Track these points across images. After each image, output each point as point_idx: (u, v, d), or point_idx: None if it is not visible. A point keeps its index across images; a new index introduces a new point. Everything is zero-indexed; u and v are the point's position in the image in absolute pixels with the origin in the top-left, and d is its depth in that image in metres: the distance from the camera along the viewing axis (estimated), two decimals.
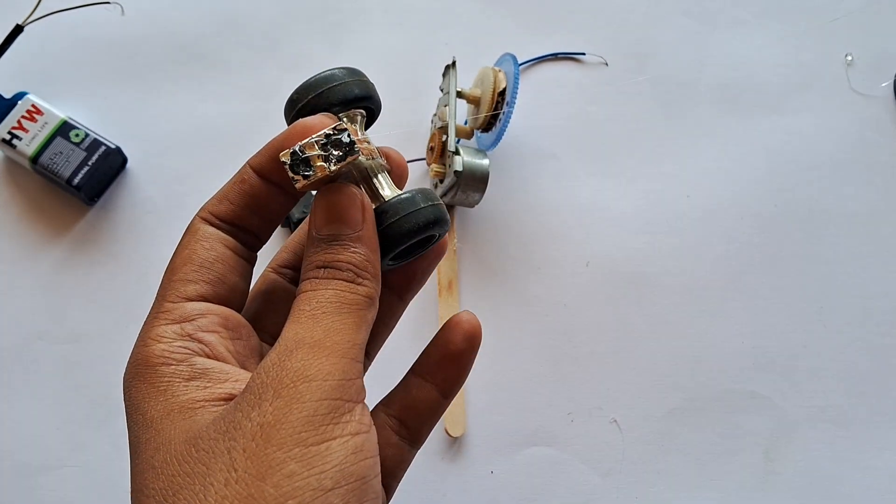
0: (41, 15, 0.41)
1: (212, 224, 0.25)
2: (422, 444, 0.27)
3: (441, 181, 0.41)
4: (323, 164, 0.23)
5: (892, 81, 0.46)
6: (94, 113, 0.44)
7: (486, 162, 0.40)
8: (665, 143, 0.45)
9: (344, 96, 0.24)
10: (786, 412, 0.41)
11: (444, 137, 0.40)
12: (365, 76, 0.26)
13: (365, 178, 0.25)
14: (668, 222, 0.44)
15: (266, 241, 0.26)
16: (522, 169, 0.45)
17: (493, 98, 0.40)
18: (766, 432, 0.40)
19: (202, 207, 0.25)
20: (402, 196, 0.24)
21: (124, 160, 0.43)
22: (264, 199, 0.25)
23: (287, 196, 0.25)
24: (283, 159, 0.23)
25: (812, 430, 0.40)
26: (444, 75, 0.42)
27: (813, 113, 0.46)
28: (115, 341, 0.41)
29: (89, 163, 0.41)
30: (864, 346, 0.42)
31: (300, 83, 0.25)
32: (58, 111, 0.42)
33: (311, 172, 0.23)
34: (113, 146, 0.42)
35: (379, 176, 0.25)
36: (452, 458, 0.39)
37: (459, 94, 0.41)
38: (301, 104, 0.25)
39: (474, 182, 0.40)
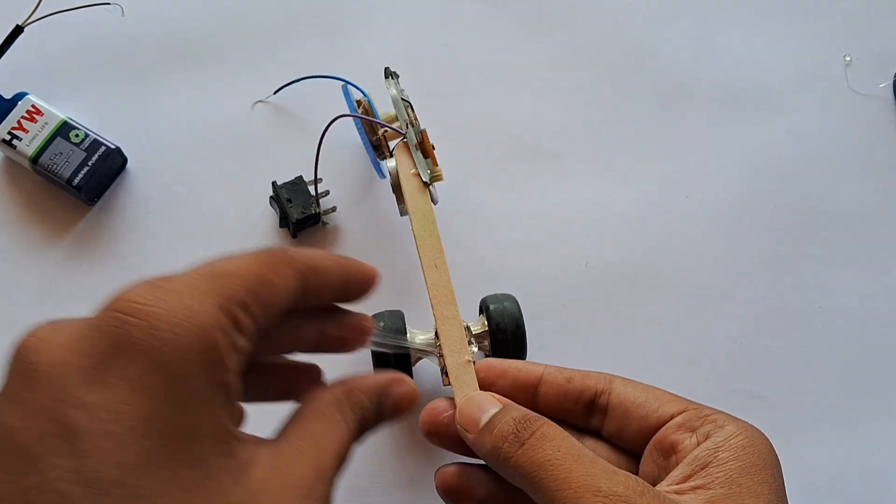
0: (41, 16, 0.41)
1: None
2: None
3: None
4: None
5: (891, 82, 0.46)
6: (94, 113, 0.44)
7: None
8: (664, 144, 0.45)
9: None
10: (785, 412, 0.41)
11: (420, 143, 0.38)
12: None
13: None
14: (667, 222, 0.44)
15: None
16: (521, 169, 0.45)
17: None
18: (765, 432, 0.40)
19: (297, 255, 0.23)
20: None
21: (124, 160, 0.44)
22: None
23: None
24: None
25: (812, 430, 0.40)
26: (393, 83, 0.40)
27: (811, 113, 0.46)
28: None
29: (89, 163, 0.41)
30: (865, 346, 0.42)
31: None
32: (58, 111, 0.42)
33: None
34: (113, 146, 0.42)
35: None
36: (451, 458, 0.39)
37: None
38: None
39: None
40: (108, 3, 0.43)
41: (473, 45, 0.47)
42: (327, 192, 0.43)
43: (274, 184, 0.42)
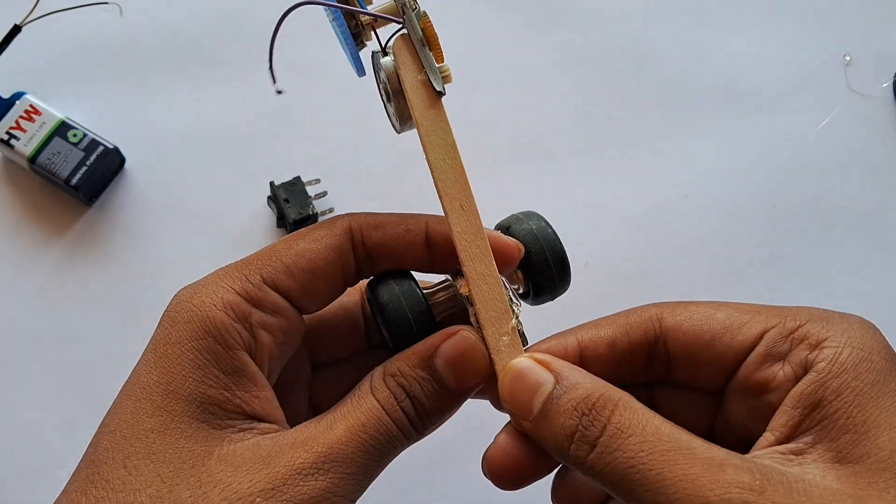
0: (39, 15, 0.41)
1: (353, 241, 0.25)
2: None
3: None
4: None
5: (891, 82, 0.46)
6: (92, 113, 0.44)
7: None
8: (663, 144, 0.45)
9: None
10: None
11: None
12: None
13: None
14: (667, 222, 0.44)
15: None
16: (521, 169, 0.45)
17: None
18: None
19: (353, 216, 0.25)
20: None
21: (122, 160, 0.43)
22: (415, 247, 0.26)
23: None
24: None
25: None
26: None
27: (811, 113, 0.46)
28: (114, 341, 0.41)
29: (87, 163, 0.41)
30: None
31: None
32: (56, 111, 0.42)
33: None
34: (111, 146, 0.42)
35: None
36: (450, 458, 0.39)
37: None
38: None
39: None
40: (107, 3, 0.43)
41: (473, 45, 0.47)
42: (325, 193, 0.43)
43: (272, 184, 0.42)
